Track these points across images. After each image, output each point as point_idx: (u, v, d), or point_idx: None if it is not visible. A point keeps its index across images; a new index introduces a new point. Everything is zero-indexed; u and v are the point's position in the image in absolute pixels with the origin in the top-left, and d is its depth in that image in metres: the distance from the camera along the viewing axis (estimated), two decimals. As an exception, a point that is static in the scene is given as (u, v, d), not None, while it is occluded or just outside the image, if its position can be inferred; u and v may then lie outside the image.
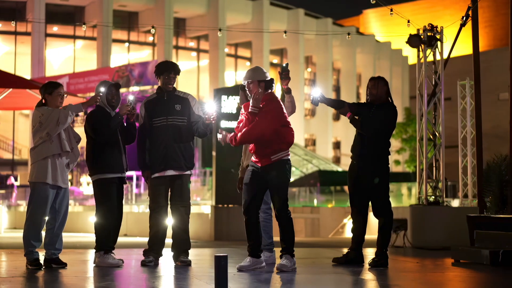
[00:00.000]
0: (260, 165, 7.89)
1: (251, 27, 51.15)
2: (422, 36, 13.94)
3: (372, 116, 8.79)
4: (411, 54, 62.46)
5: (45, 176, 8.05)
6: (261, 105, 7.83)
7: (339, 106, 9.04)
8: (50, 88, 8.28)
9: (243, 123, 7.92)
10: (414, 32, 14.05)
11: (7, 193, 33.74)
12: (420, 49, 14.10)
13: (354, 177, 8.94)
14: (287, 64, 8.45)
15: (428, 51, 14.12)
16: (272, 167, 7.85)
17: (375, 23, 76.21)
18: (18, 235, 14.55)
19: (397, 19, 16.60)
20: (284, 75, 8.37)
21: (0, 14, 46.66)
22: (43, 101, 8.27)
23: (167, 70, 8.72)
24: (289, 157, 7.97)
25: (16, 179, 37.03)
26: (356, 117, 8.86)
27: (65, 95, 8.51)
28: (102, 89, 8.40)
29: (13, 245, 13.27)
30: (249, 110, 7.89)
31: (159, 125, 8.60)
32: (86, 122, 8.53)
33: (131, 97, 8.54)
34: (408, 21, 15.48)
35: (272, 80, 8.02)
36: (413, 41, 13.88)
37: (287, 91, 8.51)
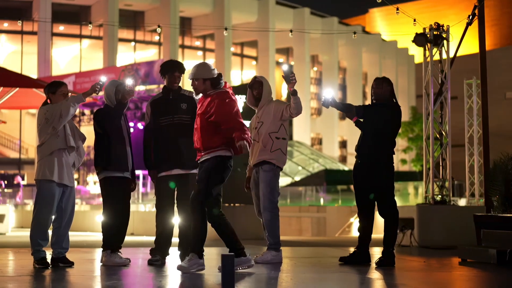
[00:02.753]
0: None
1: (257, 26, 51.16)
2: (428, 35, 13.92)
3: (376, 116, 8.80)
4: (417, 53, 62.45)
5: (51, 174, 8.06)
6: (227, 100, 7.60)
7: (347, 110, 9.05)
8: (53, 87, 8.31)
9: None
10: (419, 31, 14.04)
11: (14, 192, 33.77)
12: (426, 48, 14.09)
13: (359, 176, 8.94)
14: (290, 67, 8.39)
15: (434, 50, 14.11)
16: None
17: (381, 22, 76.20)
18: (25, 234, 14.58)
19: (403, 18, 16.58)
20: (290, 79, 8.34)
21: (6, 13, 46.75)
22: (48, 100, 8.29)
23: (172, 69, 8.71)
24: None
25: (23, 178, 37.11)
26: (361, 120, 8.88)
27: (69, 94, 8.52)
28: (103, 79, 8.37)
29: (20, 244, 13.28)
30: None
31: (165, 124, 8.59)
32: (94, 120, 8.57)
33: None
34: (414, 20, 15.47)
35: (219, 76, 7.72)
36: (419, 40, 13.87)
37: (292, 93, 8.50)
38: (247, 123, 7.63)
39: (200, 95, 7.73)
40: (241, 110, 17.37)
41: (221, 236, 7.72)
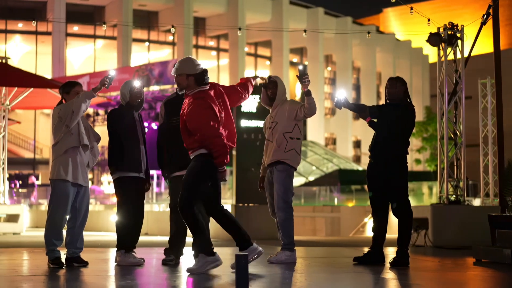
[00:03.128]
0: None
1: (271, 26, 51.17)
2: (442, 35, 13.89)
3: (389, 116, 8.78)
4: (431, 53, 62.29)
5: (66, 174, 8.08)
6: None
7: (360, 110, 9.03)
8: (67, 87, 8.36)
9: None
10: (434, 30, 14.00)
11: (29, 192, 33.93)
12: (441, 48, 14.05)
13: (373, 176, 8.92)
14: (304, 67, 8.37)
15: (449, 49, 14.07)
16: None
17: (395, 21, 76.03)
18: (39, 234, 14.63)
19: (417, 18, 16.54)
20: (304, 79, 8.35)
21: (20, 13, 46.96)
22: (63, 101, 8.33)
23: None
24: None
25: (37, 178, 37.23)
26: (375, 120, 8.86)
27: (83, 93, 8.53)
28: (112, 73, 8.34)
29: (35, 244, 13.33)
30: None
31: (178, 124, 8.60)
32: (107, 120, 8.60)
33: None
34: (429, 20, 15.43)
35: (204, 72, 7.52)
36: (433, 39, 13.83)
37: (306, 94, 8.49)
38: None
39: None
40: (254, 110, 17.37)
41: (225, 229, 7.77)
